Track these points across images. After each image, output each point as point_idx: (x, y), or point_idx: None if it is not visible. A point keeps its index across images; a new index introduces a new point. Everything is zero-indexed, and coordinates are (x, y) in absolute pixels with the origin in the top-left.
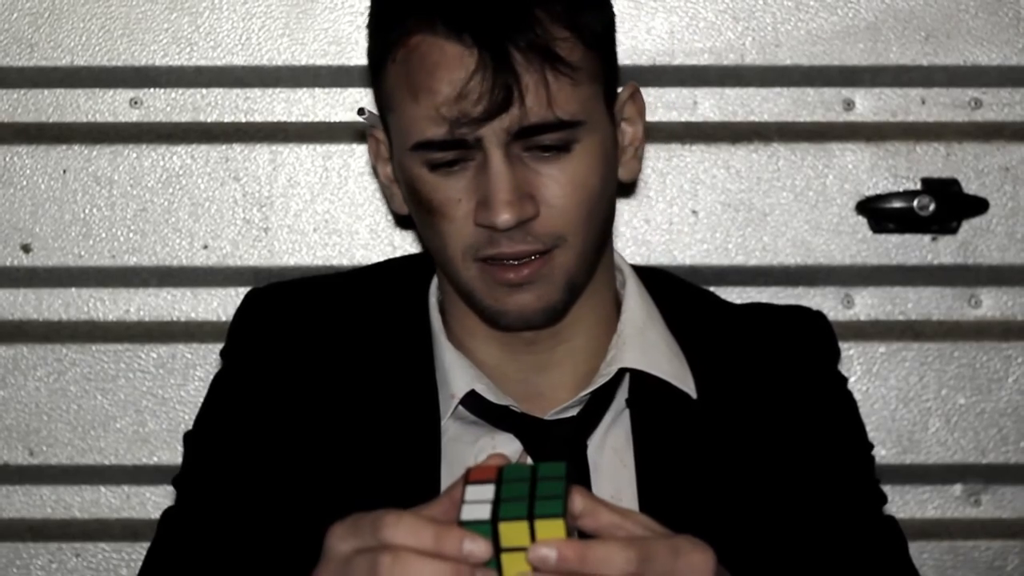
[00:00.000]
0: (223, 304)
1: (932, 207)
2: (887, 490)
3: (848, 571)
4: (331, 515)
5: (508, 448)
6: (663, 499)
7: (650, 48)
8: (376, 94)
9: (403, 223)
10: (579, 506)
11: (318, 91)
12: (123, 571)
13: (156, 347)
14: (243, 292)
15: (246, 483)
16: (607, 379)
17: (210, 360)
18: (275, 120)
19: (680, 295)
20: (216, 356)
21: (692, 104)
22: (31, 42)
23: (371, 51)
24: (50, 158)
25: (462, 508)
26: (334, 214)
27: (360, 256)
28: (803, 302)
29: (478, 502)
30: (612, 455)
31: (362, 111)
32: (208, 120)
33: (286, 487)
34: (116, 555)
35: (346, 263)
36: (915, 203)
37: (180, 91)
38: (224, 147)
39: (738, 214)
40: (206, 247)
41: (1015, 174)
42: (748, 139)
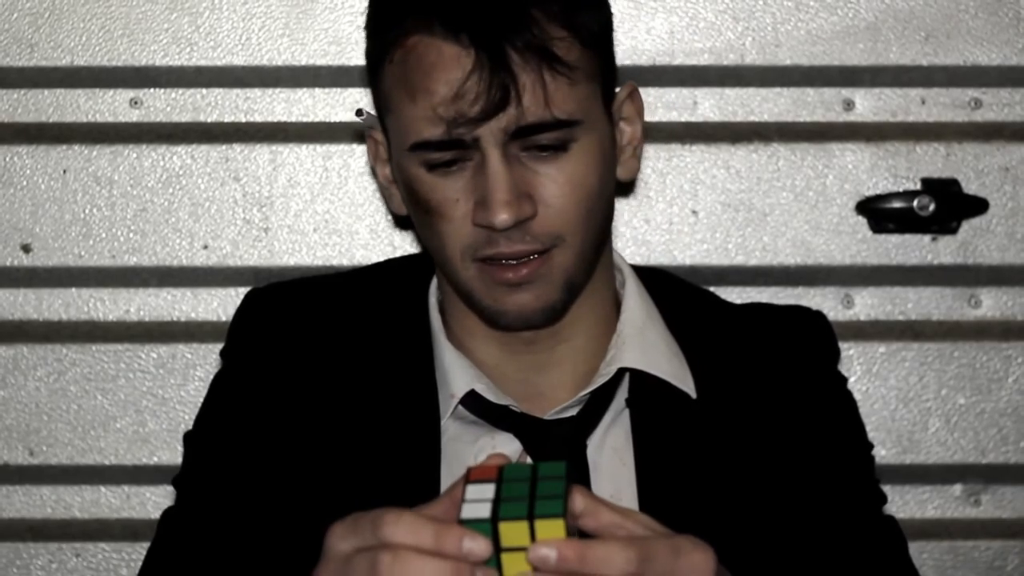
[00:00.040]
0: (223, 304)
1: (932, 207)
2: (887, 490)
3: (848, 571)
4: (331, 515)
5: (508, 448)
6: (663, 499)
7: (650, 48)
8: (374, 95)
9: (402, 224)
10: (580, 505)
11: (318, 91)
12: (123, 571)
13: (156, 347)
14: (243, 292)
15: (246, 483)
16: (607, 379)
17: (210, 360)
18: (275, 120)
19: (680, 295)
20: (216, 356)
21: (692, 104)
22: (31, 42)
23: (369, 52)
24: (50, 158)
25: (462, 507)
26: (334, 214)
27: (360, 256)
28: (803, 302)
29: (478, 501)
30: (612, 455)
31: (360, 112)
32: (208, 120)
33: (286, 487)
34: (116, 555)
35: (346, 263)
36: (915, 203)
37: (180, 91)
38: (224, 147)
39: (738, 214)
40: (206, 247)
41: (1015, 174)
42: (748, 139)
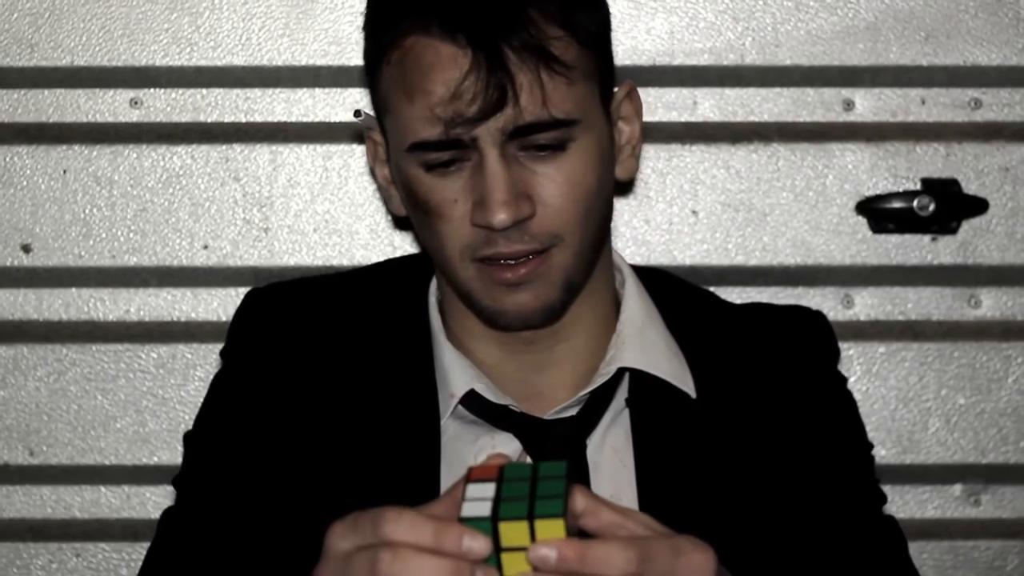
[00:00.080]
0: (223, 304)
1: (932, 207)
2: (887, 490)
3: (848, 571)
4: (331, 514)
5: (507, 447)
6: (663, 498)
7: (650, 48)
8: (373, 96)
9: (402, 224)
10: (580, 505)
11: (318, 91)
12: (123, 571)
13: (156, 347)
14: (243, 292)
15: (246, 483)
16: (606, 378)
17: (210, 360)
18: (275, 120)
19: (680, 295)
20: (216, 356)
21: (692, 104)
22: (31, 42)
23: (367, 53)
24: (50, 158)
25: (463, 505)
26: (334, 214)
27: (360, 256)
28: (803, 302)
29: (479, 500)
30: (611, 455)
31: (358, 113)
32: (208, 120)
33: (286, 487)
34: (116, 555)
35: (346, 263)
36: (915, 203)
37: (180, 91)
38: (224, 147)
39: (738, 214)
40: (206, 247)
41: (1015, 174)
42: (748, 139)
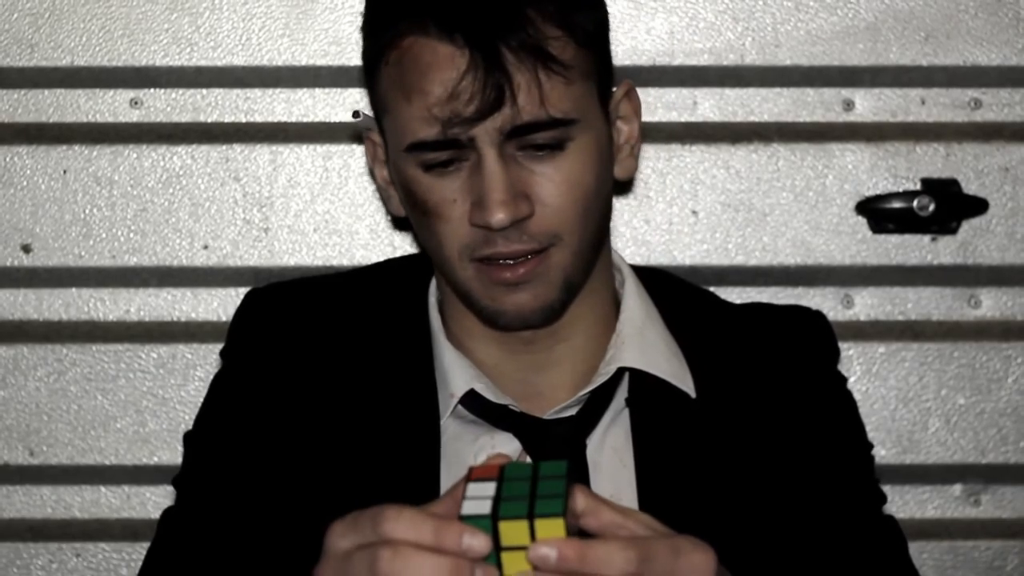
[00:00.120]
0: (223, 304)
1: (932, 207)
2: (887, 490)
3: (848, 571)
4: (331, 514)
5: (507, 447)
6: (662, 498)
7: (650, 48)
8: (371, 97)
9: (401, 225)
10: (581, 505)
11: (318, 91)
12: (123, 571)
13: (156, 347)
14: (243, 292)
15: (246, 483)
16: (606, 378)
17: (210, 360)
18: (275, 120)
19: (680, 295)
20: (216, 356)
21: (692, 104)
22: (31, 42)
23: (365, 54)
24: (50, 158)
25: (463, 504)
26: (334, 214)
27: (360, 256)
28: (803, 302)
29: (479, 498)
30: (611, 454)
31: (357, 114)
32: (208, 120)
33: (286, 486)
34: (116, 555)
35: (346, 263)
36: (915, 203)
37: (180, 91)
38: (224, 147)
39: (738, 214)
40: (206, 247)
41: (1015, 174)
42: (748, 139)
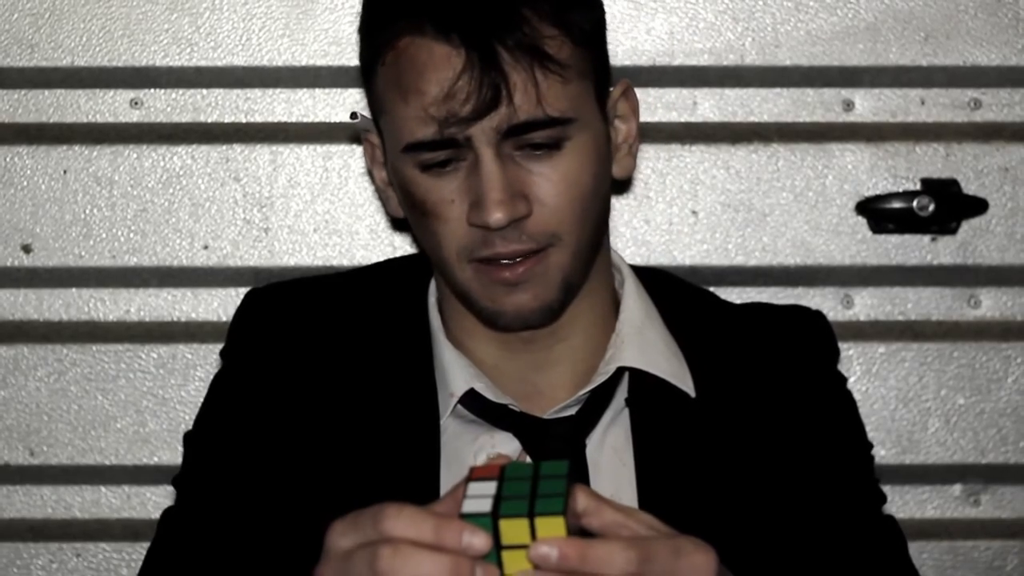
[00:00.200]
0: (223, 304)
1: (932, 207)
2: (887, 490)
3: (848, 571)
4: (331, 513)
5: (507, 447)
6: (662, 498)
7: (650, 48)
8: (369, 98)
9: (400, 226)
10: (582, 504)
11: (318, 91)
12: (123, 571)
13: (156, 347)
14: (243, 292)
15: (246, 483)
16: (606, 378)
17: (210, 360)
18: (275, 120)
19: (679, 295)
20: (216, 356)
21: (692, 104)
22: (32, 43)
23: (362, 55)
24: (51, 158)
25: (463, 502)
26: (334, 214)
27: (360, 256)
28: (803, 302)
29: (479, 497)
30: (611, 454)
31: (354, 115)
32: (208, 120)
33: (286, 486)
34: (116, 555)
35: (346, 263)
36: (915, 203)
37: (180, 92)
38: (224, 147)
39: (738, 214)
40: (206, 247)
41: (1015, 174)
42: (748, 139)
